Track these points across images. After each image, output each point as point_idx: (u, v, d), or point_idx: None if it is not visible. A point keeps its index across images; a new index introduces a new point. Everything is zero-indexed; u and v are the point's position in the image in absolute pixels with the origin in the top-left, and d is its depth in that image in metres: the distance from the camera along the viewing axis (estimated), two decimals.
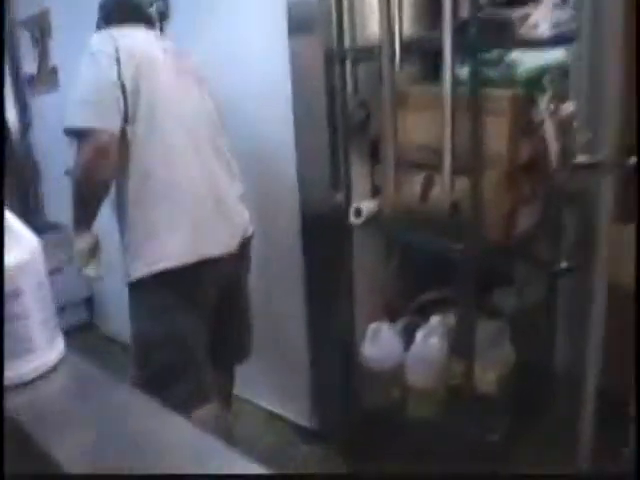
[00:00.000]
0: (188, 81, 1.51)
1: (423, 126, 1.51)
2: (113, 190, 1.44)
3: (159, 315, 1.42)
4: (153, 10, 1.89)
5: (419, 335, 1.63)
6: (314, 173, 1.76)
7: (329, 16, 1.58)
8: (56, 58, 2.93)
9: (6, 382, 0.87)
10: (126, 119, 1.36)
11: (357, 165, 1.71)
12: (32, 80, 3.12)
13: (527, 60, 1.37)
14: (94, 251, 1.50)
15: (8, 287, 0.85)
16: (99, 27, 1.53)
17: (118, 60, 1.35)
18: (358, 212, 1.63)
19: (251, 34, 1.86)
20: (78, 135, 1.34)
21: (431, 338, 1.63)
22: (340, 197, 1.69)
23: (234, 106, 1.95)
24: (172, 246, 1.38)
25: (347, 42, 1.61)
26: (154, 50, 1.46)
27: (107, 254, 1.56)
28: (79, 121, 1.34)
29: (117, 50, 1.36)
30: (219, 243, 1.45)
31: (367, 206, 1.63)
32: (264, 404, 2.23)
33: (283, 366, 2.10)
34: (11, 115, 3.48)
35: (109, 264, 1.57)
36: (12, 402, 0.82)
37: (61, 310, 2.50)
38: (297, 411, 2.10)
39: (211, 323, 1.54)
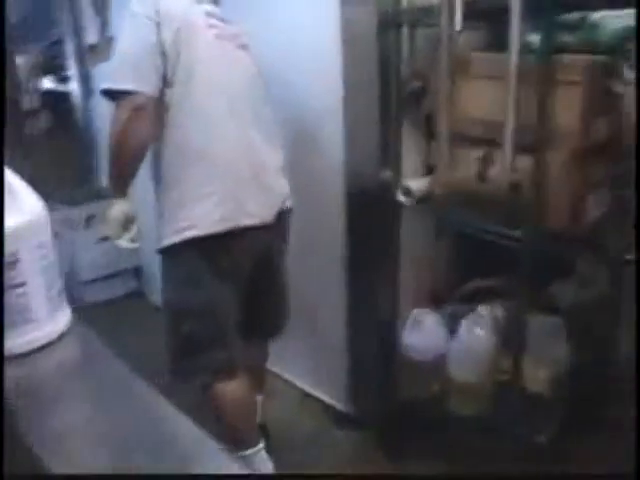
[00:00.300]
0: (230, 47, 1.45)
1: (484, 98, 1.37)
2: (150, 156, 1.41)
3: (188, 283, 1.40)
4: None
5: (464, 325, 1.52)
6: (362, 147, 1.65)
7: None
8: (114, 28, 2.91)
9: (9, 352, 0.83)
10: (164, 82, 1.33)
11: (409, 140, 1.59)
12: (93, 49, 3.13)
13: (611, 22, 1.20)
14: (128, 221, 1.47)
15: (5, 253, 0.79)
16: None
17: (158, 22, 1.31)
18: (407, 191, 1.52)
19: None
20: (115, 97, 1.31)
21: (477, 329, 1.51)
22: (388, 174, 1.58)
23: (281, 75, 1.88)
24: (203, 214, 1.34)
25: (404, 4, 1.48)
26: (196, 13, 1.41)
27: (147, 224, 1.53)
28: (116, 83, 1.31)
29: (157, 12, 1.32)
30: (253, 213, 1.40)
31: (417, 185, 1.52)
32: (299, 383, 2.18)
33: (320, 347, 2.03)
34: (73, 83, 3.54)
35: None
36: (12, 372, 0.78)
37: (111, 278, 2.54)
38: (333, 394, 2.04)
39: (244, 295, 1.50)
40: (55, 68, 3.71)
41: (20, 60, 3.65)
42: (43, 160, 3.39)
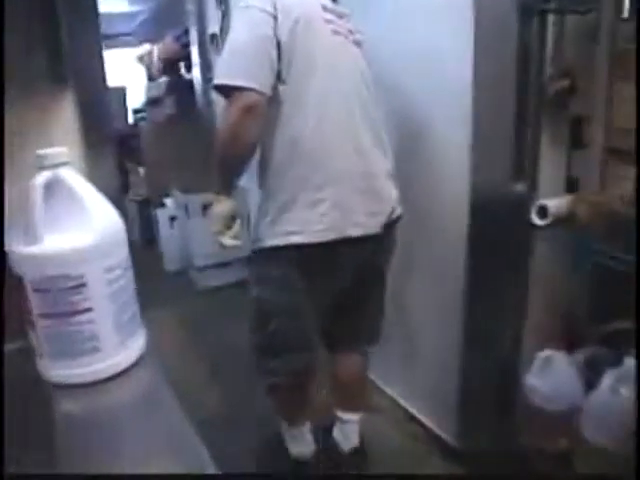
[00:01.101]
0: (345, 43, 1.37)
1: None
2: (258, 154, 1.35)
3: (282, 286, 1.37)
4: None
5: (608, 379, 1.25)
6: (492, 156, 1.42)
7: None
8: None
9: (66, 381, 0.76)
10: (279, 78, 1.26)
11: (548, 150, 1.34)
12: (215, 39, 3.17)
13: None
14: (232, 218, 1.41)
15: (69, 274, 0.72)
16: None
17: (275, 16, 1.24)
18: (543, 211, 1.28)
19: None
20: (227, 93, 1.24)
21: (623, 385, 1.23)
22: (522, 189, 1.35)
23: (400, 72, 1.71)
24: (310, 221, 1.28)
25: None
26: (313, 7, 1.34)
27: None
28: (228, 78, 1.24)
29: (274, 5, 1.25)
30: (360, 223, 1.33)
31: (556, 204, 1.27)
32: (404, 403, 2.05)
33: (433, 372, 1.84)
34: (196, 72, 3.63)
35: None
36: (66, 405, 0.74)
37: (223, 267, 2.54)
38: (440, 423, 1.85)
39: (338, 302, 1.47)
40: (184, 57, 3.83)
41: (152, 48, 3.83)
42: (165, 146, 3.52)
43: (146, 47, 5.72)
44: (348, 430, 1.68)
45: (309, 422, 1.68)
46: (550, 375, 1.37)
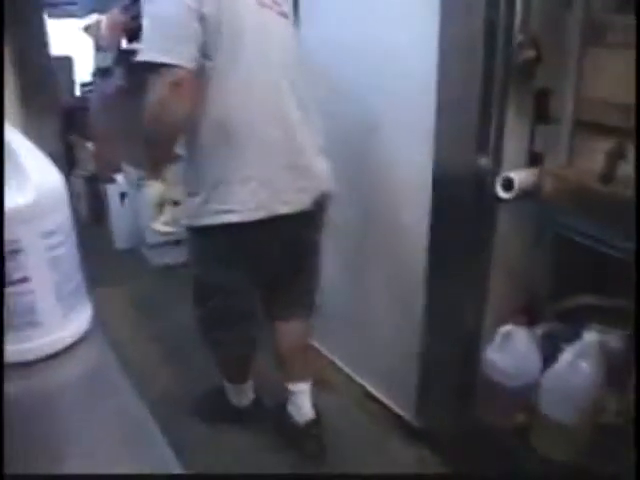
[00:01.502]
0: (271, 14, 1.34)
1: (620, 74, 1.08)
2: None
3: (217, 263, 1.40)
4: None
5: (568, 354, 1.25)
6: (456, 127, 1.39)
7: None
8: None
9: (7, 359, 0.68)
10: (204, 53, 1.22)
11: (513, 122, 1.31)
12: None
13: None
14: (163, 204, 1.44)
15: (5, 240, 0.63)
16: None
17: None
18: (508, 183, 1.26)
19: None
20: (152, 69, 1.19)
21: (581, 361, 1.24)
22: (486, 162, 1.32)
23: (364, 33, 1.66)
24: (240, 200, 1.29)
25: None
26: None
27: None
28: (153, 54, 1.18)
29: None
30: (289, 201, 1.34)
31: (521, 177, 1.25)
32: (360, 380, 2.04)
33: (393, 349, 1.83)
34: None
35: None
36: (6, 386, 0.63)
37: (176, 244, 2.44)
38: (399, 400, 1.84)
39: (273, 276, 1.52)
40: (133, 28, 3.63)
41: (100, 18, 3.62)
42: (115, 119, 3.35)
43: (93, 17, 5.43)
44: (299, 402, 1.70)
45: (251, 380, 1.78)
46: (509, 350, 1.37)
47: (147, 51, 1.20)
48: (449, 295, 1.50)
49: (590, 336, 1.23)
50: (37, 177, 0.67)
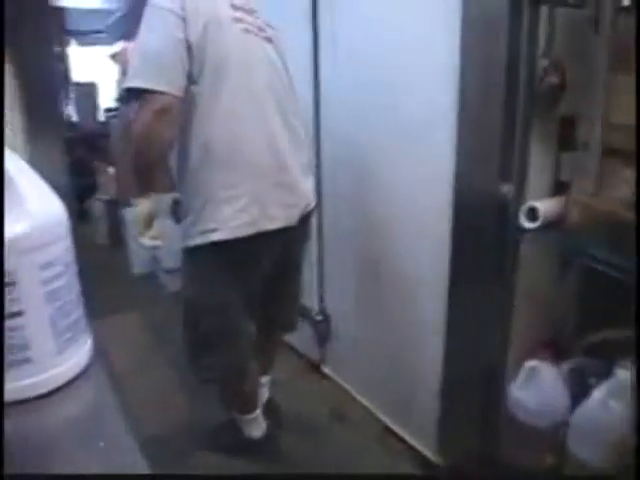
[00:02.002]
0: (256, 40, 1.40)
1: None
2: (174, 155, 1.36)
3: (209, 283, 1.41)
4: None
5: (599, 392, 1.18)
6: (477, 153, 1.35)
7: None
8: None
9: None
10: (190, 80, 1.27)
11: (537, 149, 1.27)
12: None
13: None
14: (151, 220, 1.48)
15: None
16: None
17: (184, 18, 1.24)
18: (533, 213, 1.21)
19: None
20: (139, 95, 1.23)
21: (615, 399, 1.16)
22: (509, 189, 1.27)
23: (386, 62, 1.65)
24: (228, 218, 1.32)
25: None
26: (222, 7, 1.35)
27: None
28: (141, 81, 1.22)
29: (182, 6, 1.25)
30: (276, 217, 1.38)
31: (546, 206, 1.20)
32: (386, 419, 1.95)
33: (413, 384, 1.76)
34: None
35: None
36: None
37: None
38: (419, 436, 1.76)
39: (261, 293, 1.54)
40: None
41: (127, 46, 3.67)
42: None
43: (120, 45, 5.56)
44: (263, 390, 1.85)
45: (259, 407, 1.77)
46: (535, 387, 1.30)
47: (135, 78, 1.23)
48: (471, 327, 1.44)
49: (622, 373, 1.16)
50: (36, 207, 0.64)
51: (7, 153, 0.65)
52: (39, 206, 0.65)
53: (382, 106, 1.69)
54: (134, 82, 1.23)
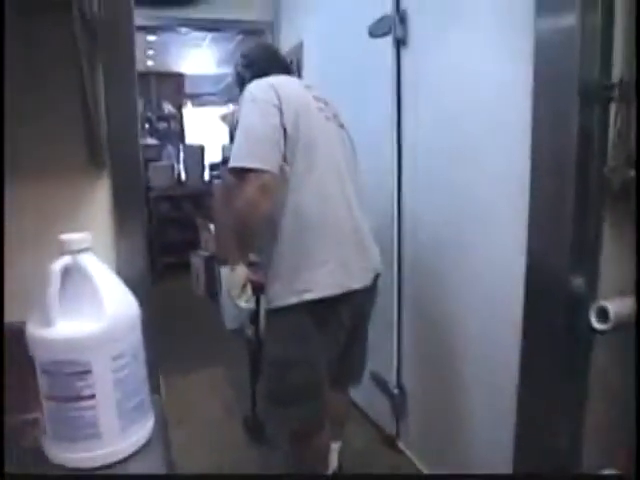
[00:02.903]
0: (334, 126, 1.62)
1: None
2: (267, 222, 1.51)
3: (297, 339, 1.52)
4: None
5: None
6: (548, 247, 1.32)
7: (592, 40, 1.16)
8: None
9: (65, 463, 0.76)
10: (285, 159, 1.46)
11: (611, 245, 1.23)
12: None
13: None
14: (246, 283, 1.62)
15: (76, 360, 0.72)
16: (243, 75, 1.75)
17: (280, 108, 1.46)
18: (604, 313, 1.16)
19: (483, 57, 1.57)
20: (241, 174, 1.42)
21: None
22: (580, 284, 1.23)
23: (455, 160, 1.73)
24: (321, 278, 1.46)
25: (616, 73, 1.16)
26: (307, 98, 1.57)
27: None
28: (245, 162, 1.42)
29: (278, 98, 1.47)
30: (359, 277, 1.53)
31: (618, 307, 1.15)
32: None
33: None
34: None
35: None
36: None
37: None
38: None
39: (340, 349, 1.63)
40: None
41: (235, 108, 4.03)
42: None
43: (230, 107, 6.06)
44: (331, 456, 1.86)
45: (329, 471, 1.83)
46: None
47: (239, 159, 1.43)
48: (541, 432, 1.37)
49: None
50: (112, 306, 0.76)
51: (91, 256, 0.77)
52: (114, 305, 0.76)
53: (456, 195, 1.75)
54: (241, 162, 1.42)
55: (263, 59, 1.78)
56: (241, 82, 1.74)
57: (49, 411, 0.76)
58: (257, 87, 1.52)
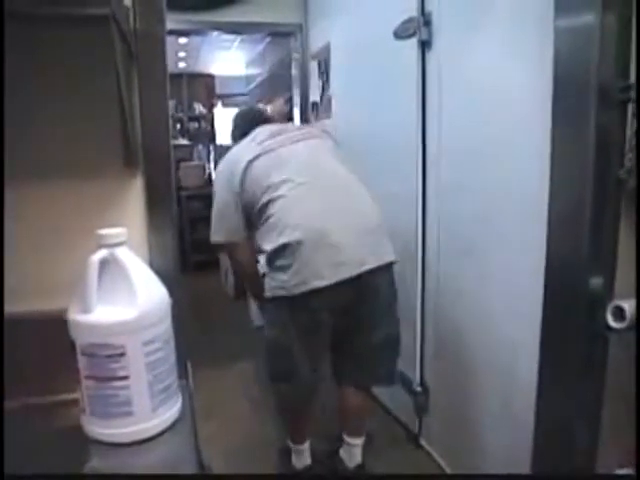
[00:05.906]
0: (303, 146, 1.84)
1: None
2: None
3: (278, 326, 1.73)
4: None
5: None
6: (567, 248, 1.34)
7: (610, 41, 1.18)
8: (332, 89, 3.08)
9: (102, 438, 0.83)
10: (249, 227, 1.84)
11: (627, 245, 1.24)
12: (315, 107, 3.35)
13: None
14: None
15: (112, 343, 0.80)
16: (235, 134, 2.15)
17: (231, 180, 1.82)
18: (620, 312, 1.17)
19: (505, 59, 1.59)
20: (220, 245, 1.92)
21: None
22: (597, 284, 1.24)
23: (475, 159, 1.76)
24: (286, 280, 1.63)
25: (632, 74, 1.18)
26: (252, 150, 1.83)
27: None
28: (214, 237, 1.89)
29: (231, 172, 1.82)
30: (324, 276, 1.60)
31: (633, 306, 1.16)
32: None
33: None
34: None
35: None
36: (96, 460, 0.82)
37: None
38: None
39: (330, 343, 1.80)
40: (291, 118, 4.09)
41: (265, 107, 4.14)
42: None
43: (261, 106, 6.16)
44: (353, 451, 1.97)
45: (308, 442, 2.04)
46: None
47: (211, 235, 1.89)
48: (558, 427, 1.39)
49: None
50: (144, 295, 0.82)
51: (126, 250, 0.83)
52: (146, 294, 0.83)
53: (471, 202, 1.79)
54: (212, 238, 1.89)
55: (245, 121, 2.15)
56: (234, 140, 2.12)
57: (88, 390, 0.82)
58: (221, 163, 1.93)
